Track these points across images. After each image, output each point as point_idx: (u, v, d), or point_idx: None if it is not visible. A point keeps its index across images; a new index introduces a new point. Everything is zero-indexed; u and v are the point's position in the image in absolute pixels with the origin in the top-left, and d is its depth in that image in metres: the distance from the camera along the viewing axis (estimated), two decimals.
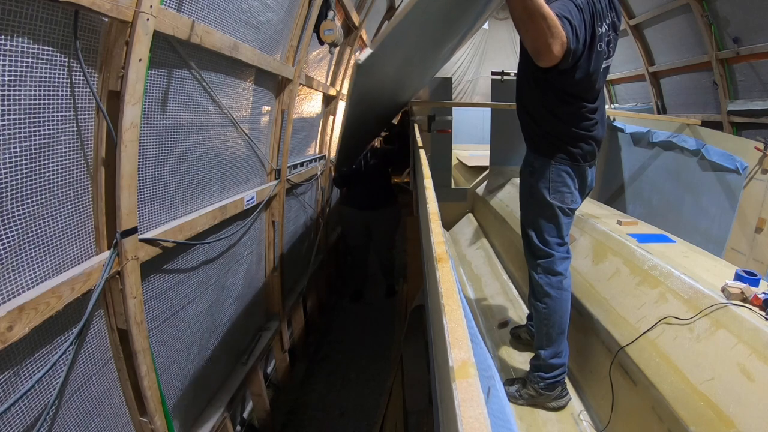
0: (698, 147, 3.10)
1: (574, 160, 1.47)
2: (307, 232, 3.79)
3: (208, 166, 1.85)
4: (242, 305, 2.43)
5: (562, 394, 1.55)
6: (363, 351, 3.62)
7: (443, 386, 0.52)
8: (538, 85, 1.44)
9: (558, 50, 1.10)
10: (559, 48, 1.10)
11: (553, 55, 1.11)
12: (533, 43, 1.11)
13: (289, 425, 2.80)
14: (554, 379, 1.53)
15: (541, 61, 1.14)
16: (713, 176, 2.98)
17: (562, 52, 1.12)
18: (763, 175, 2.65)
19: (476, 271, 3.01)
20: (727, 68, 3.30)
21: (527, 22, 1.07)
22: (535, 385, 1.55)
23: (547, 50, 1.10)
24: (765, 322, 1.13)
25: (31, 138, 1.01)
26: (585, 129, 1.45)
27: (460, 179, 5.40)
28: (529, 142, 1.57)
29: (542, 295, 1.54)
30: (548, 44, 1.09)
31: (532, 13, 1.05)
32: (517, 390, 1.59)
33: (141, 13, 1.18)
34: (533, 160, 1.53)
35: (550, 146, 1.48)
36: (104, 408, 1.36)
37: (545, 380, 1.53)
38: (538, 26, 1.06)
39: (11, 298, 0.99)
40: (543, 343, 1.54)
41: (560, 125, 1.45)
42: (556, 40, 1.09)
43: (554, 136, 1.46)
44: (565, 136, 1.45)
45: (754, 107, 3.13)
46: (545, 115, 1.46)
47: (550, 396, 1.54)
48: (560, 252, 1.54)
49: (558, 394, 1.55)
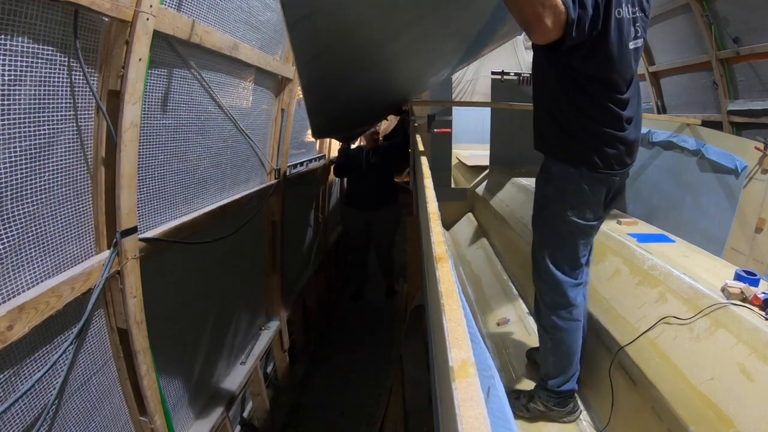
0: (698, 147, 3.10)
1: (599, 167, 1.22)
2: (307, 232, 3.79)
3: (208, 165, 1.85)
4: (242, 305, 2.43)
5: (573, 409, 1.43)
6: (363, 351, 3.62)
7: (443, 386, 0.52)
8: (552, 69, 1.20)
9: (551, 22, 0.94)
10: (553, 20, 0.94)
11: (546, 27, 0.94)
12: (518, 15, 0.95)
13: (289, 425, 2.80)
14: (565, 396, 1.41)
15: (534, 37, 0.99)
16: (713, 176, 2.98)
17: (558, 25, 0.95)
18: (763, 175, 2.65)
19: (476, 271, 3.01)
20: (727, 68, 3.30)
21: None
22: (544, 401, 1.43)
23: (537, 22, 0.94)
24: (765, 322, 1.13)
25: (31, 137, 1.01)
26: (612, 127, 1.20)
27: (460, 179, 5.39)
28: (545, 144, 1.33)
29: (549, 325, 1.37)
30: (538, 15, 0.92)
31: None
32: (524, 404, 1.47)
33: (141, 12, 1.18)
34: (550, 166, 1.31)
35: (568, 149, 1.25)
36: (104, 407, 1.36)
37: (554, 399, 1.41)
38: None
39: (11, 297, 0.99)
40: (550, 372, 1.40)
41: (581, 119, 1.20)
42: (547, 9, 0.92)
43: (574, 136, 1.23)
44: (588, 136, 1.21)
45: (754, 107, 3.13)
46: (563, 107, 1.23)
47: (562, 412, 1.42)
48: (573, 278, 1.34)
49: (570, 410, 1.42)
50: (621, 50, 1.12)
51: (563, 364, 1.38)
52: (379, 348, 3.60)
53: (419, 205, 1.53)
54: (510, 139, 4.00)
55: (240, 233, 2.14)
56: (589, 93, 1.17)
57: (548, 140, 1.31)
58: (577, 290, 1.36)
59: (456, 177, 5.32)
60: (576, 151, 1.24)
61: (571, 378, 1.40)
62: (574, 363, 1.39)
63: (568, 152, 1.25)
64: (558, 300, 1.34)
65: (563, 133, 1.25)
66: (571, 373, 1.39)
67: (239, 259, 2.32)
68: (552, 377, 1.40)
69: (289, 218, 3.05)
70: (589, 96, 1.17)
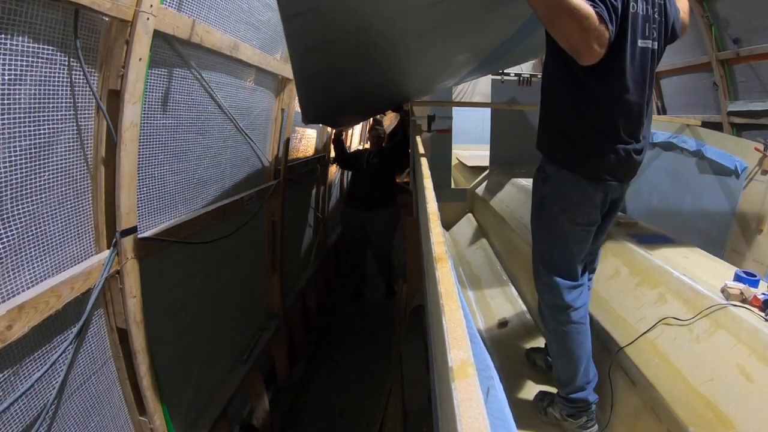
0: (698, 147, 3.10)
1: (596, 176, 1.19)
2: (307, 232, 3.79)
3: (208, 165, 1.85)
4: (242, 305, 2.43)
5: (587, 425, 1.36)
6: (363, 351, 3.62)
7: (442, 386, 0.52)
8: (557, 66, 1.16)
9: (598, 45, 0.93)
10: (599, 42, 0.93)
11: (595, 52, 0.94)
12: (566, 43, 0.95)
13: (289, 425, 2.80)
14: (578, 406, 1.36)
15: (583, 62, 0.97)
16: (713, 177, 2.98)
17: (604, 45, 0.94)
18: (762, 176, 2.65)
19: (476, 271, 3.01)
20: (727, 69, 3.30)
21: (554, 22, 0.92)
22: (560, 410, 1.40)
23: (586, 48, 0.93)
24: (764, 323, 1.13)
25: (31, 137, 1.01)
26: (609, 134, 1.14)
27: (460, 179, 5.39)
28: (540, 142, 1.30)
29: (550, 327, 1.37)
30: (586, 42, 0.92)
31: (555, 11, 0.90)
32: (544, 408, 1.45)
33: (141, 12, 1.18)
34: (546, 165, 1.29)
35: (564, 152, 1.21)
36: (103, 407, 1.36)
37: (567, 408, 1.38)
38: (566, 25, 0.91)
39: (11, 297, 0.99)
40: (560, 376, 1.37)
41: (578, 122, 1.16)
42: (592, 34, 0.91)
43: (570, 139, 1.19)
44: (585, 140, 1.16)
45: (754, 108, 3.12)
46: (560, 103, 1.19)
47: (575, 424, 1.37)
48: (569, 279, 1.30)
49: (582, 424, 1.36)
50: (633, 47, 1.09)
51: (570, 370, 1.34)
52: (379, 348, 3.60)
53: (419, 206, 1.53)
54: (510, 139, 4.01)
55: (240, 233, 2.14)
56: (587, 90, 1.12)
57: (543, 138, 1.28)
58: (575, 292, 1.32)
59: (456, 177, 5.33)
60: (570, 156, 1.20)
61: (584, 386, 1.33)
62: (581, 370, 1.32)
63: (564, 156, 1.22)
64: (555, 302, 1.32)
65: (561, 133, 1.21)
66: (581, 381, 1.33)
67: (239, 259, 2.32)
68: (562, 382, 1.37)
69: (289, 218, 3.05)
70: (588, 95, 1.13)
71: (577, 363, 1.32)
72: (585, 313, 1.34)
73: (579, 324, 1.32)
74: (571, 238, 1.28)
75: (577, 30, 0.91)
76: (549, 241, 1.32)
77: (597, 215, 1.27)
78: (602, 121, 1.15)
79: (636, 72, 1.12)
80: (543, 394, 1.54)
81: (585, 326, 1.34)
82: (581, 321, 1.32)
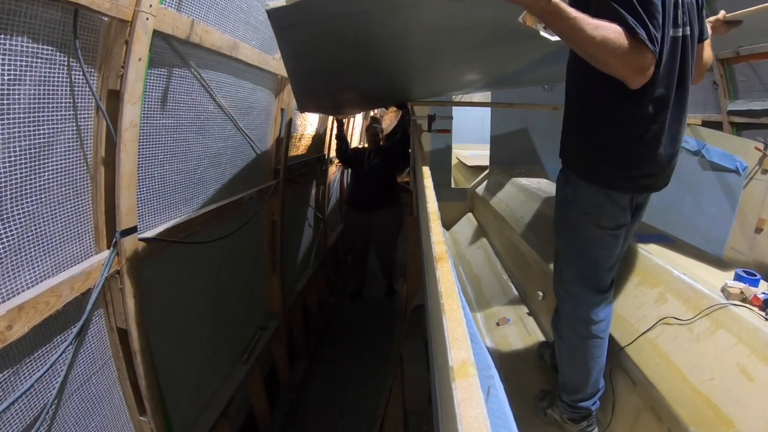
0: (698, 147, 3.10)
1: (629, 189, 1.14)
2: (307, 232, 3.79)
3: (208, 165, 1.85)
4: (242, 305, 2.43)
5: (587, 429, 1.34)
6: (363, 351, 3.62)
7: (443, 386, 0.52)
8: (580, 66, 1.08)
9: (644, 71, 0.91)
10: (648, 64, 0.91)
11: (645, 76, 0.92)
12: (614, 73, 0.93)
13: (289, 425, 2.80)
14: (581, 413, 1.34)
15: (634, 86, 0.95)
16: (713, 176, 2.97)
17: (652, 64, 0.92)
18: (763, 176, 2.64)
19: (476, 271, 3.01)
20: (727, 68, 3.30)
21: (596, 58, 0.90)
22: (560, 411, 1.38)
23: (635, 76, 0.92)
24: (764, 323, 1.13)
25: (31, 137, 1.01)
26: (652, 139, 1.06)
27: (460, 179, 5.39)
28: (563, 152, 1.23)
29: (564, 335, 1.31)
30: (633, 70, 0.90)
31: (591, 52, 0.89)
32: (544, 408, 1.45)
33: (140, 12, 1.18)
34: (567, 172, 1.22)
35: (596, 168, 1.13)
36: (104, 407, 1.36)
37: (569, 412, 1.36)
38: (605, 59, 0.89)
39: (11, 297, 0.99)
40: (566, 382, 1.34)
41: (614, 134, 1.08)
42: (632, 58, 0.88)
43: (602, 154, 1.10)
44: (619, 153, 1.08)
45: (754, 107, 3.13)
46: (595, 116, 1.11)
47: (575, 427, 1.35)
48: (596, 291, 1.22)
49: (583, 428, 1.34)
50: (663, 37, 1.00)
51: (578, 380, 1.29)
52: (379, 348, 3.60)
53: (419, 205, 1.53)
54: (510, 139, 4.01)
55: (240, 233, 2.14)
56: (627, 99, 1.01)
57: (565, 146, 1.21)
58: (600, 306, 1.23)
59: (456, 177, 5.32)
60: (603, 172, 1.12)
61: (590, 397, 1.30)
62: (591, 381, 1.27)
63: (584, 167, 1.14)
64: (577, 313, 1.25)
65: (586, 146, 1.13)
66: (589, 392, 1.28)
67: (239, 259, 2.32)
68: (568, 388, 1.33)
69: (289, 218, 3.05)
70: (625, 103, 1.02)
71: (587, 375, 1.27)
72: (607, 326, 1.26)
73: (597, 338, 1.25)
74: (597, 244, 1.20)
75: (619, 59, 0.89)
76: (573, 246, 1.24)
77: (625, 217, 1.18)
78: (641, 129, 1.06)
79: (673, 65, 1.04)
80: (543, 393, 1.54)
81: (604, 340, 1.26)
82: (600, 335, 1.25)
